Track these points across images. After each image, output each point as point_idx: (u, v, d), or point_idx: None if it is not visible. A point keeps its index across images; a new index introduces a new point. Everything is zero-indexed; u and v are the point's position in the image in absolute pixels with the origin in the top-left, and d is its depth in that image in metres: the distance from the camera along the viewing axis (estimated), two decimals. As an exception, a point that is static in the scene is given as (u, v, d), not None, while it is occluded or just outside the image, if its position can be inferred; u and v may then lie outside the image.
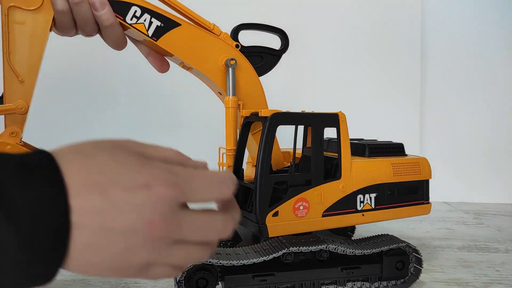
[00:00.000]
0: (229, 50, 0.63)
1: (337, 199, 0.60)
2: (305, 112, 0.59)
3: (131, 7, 0.56)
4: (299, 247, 0.58)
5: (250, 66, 0.65)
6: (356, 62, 1.29)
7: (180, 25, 0.59)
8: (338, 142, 0.61)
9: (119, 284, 0.64)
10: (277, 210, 0.55)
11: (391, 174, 0.67)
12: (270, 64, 0.68)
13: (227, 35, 0.64)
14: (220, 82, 0.64)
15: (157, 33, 0.58)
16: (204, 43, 0.62)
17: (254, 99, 0.66)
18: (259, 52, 0.67)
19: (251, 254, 0.57)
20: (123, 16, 0.56)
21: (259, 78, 0.68)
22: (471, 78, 1.32)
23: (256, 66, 0.66)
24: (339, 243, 0.62)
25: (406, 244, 0.64)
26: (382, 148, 0.71)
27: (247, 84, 0.65)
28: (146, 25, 0.57)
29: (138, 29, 0.57)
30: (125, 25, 0.57)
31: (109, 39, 0.57)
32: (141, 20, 0.57)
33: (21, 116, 0.53)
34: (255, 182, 0.54)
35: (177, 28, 0.59)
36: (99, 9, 0.53)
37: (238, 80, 0.64)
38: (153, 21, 0.57)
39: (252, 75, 0.66)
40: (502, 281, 0.67)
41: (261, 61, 0.67)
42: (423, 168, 0.71)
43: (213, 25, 0.63)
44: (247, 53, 0.65)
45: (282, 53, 0.69)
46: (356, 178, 0.63)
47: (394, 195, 0.67)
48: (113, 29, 0.55)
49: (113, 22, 0.54)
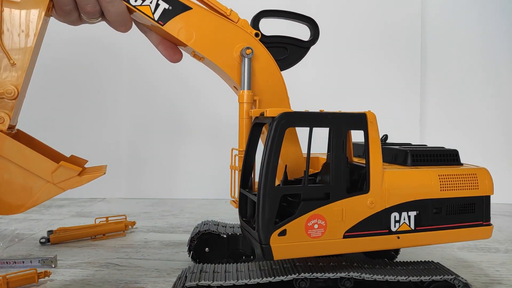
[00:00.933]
0: (246, 39, 0.56)
1: (363, 217, 0.50)
2: (322, 112, 0.49)
3: None
4: (313, 273, 0.48)
5: (271, 58, 0.58)
6: (356, 62, 1.29)
7: (191, 8, 0.54)
8: (365, 148, 0.50)
9: (119, 284, 0.61)
10: (284, 228, 0.46)
11: (438, 187, 0.54)
12: (296, 57, 0.60)
13: (246, 22, 0.57)
14: (235, 75, 0.56)
15: (164, 17, 0.52)
16: (218, 30, 0.55)
17: (273, 95, 0.58)
18: (284, 43, 0.59)
19: (255, 272, 0.49)
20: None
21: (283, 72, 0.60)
22: (471, 78, 1.30)
23: (280, 59, 0.59)
24: (366, 268, 0.51)
25: (455, 277, 0.52)
26: (429, 156, 0.59)
27: (266, 78, 0.57)
28: (152, 7, 0.52)
29: (144, 12, 0.52)
30: (130, 8, 0.52)
31: (111, 16, 0.52)
32: (147, 2, 0.52)
33: (11, 101, 0.48)
34: (258, 193, 0.45)
35: (187, 12, 0.53)
36: None
37: (254, 72, 0.56)
38: (160, 3, 0.52)
39: (272, 67, 0.58)
40: (502, 281, 0.64)
41: (285, 53, 0.59)
42: (481, 181, 0.57)
43: (230, 11, 0.56)
44: (269, 43, 0.58)
45: (311, 44, 0.61)
46: (390, 192, 0.51)
47: (442, 214, 0.55)
48: (113, 3, 0.51)
49: None
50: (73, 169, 0.46)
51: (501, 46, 1.28)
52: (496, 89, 1.29)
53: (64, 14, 0.52)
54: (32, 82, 0.53)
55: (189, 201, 1.24)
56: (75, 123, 1.30)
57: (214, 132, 1.29)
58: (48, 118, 1.29)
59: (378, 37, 1.29)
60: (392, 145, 0.64)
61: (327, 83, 1.29)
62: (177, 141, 1.31)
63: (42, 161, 0.46)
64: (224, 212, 1.08)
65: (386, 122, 1.24)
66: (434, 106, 1.31)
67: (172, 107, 1.30)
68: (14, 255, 0.73)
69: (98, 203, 1.21)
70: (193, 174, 1.30)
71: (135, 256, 0.74)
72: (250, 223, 0.51)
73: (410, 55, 1.29)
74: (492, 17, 1.28)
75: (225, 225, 0.70)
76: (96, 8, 0.52)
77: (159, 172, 1.31)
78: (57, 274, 0.64)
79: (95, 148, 1.30)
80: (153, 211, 1.11)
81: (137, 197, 1.29)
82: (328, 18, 1.28)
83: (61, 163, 0.46)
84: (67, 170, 0.46)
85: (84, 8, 0.51)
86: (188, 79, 1.26)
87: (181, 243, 0.81)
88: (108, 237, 0.84)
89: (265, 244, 0.45)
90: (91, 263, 0.70)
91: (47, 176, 0.46)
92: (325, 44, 1.28)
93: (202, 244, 0.66)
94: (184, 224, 0.97)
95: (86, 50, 1.23)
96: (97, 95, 1.30)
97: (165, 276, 0.64)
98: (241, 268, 0.51)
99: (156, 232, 0.90)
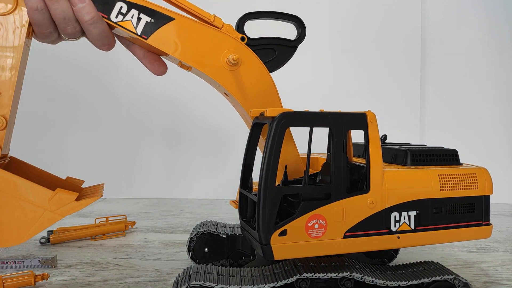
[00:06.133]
0: (233, 44, 0.55)
1: (363, 217, 0.50)
2: (322, 112, 0.49)
3: (116, 3, 0.49)
4: (315, 273, 0.48)
5: (259, 61, 0.56)
6: (355, 62, 1.29)
7: (174, 19, 0.52)
8: (366, 148, 0.50)
9: (119, 284, 0.61)
10: (285, 228, 0.46)
11: (437, 187, 0.54)
12: (285, 57, 0.59)
13: (231, 27, 0.56)
14: (224, 82, 0.55)
15: (147, 30, 0.51)
16: (203, 38, 0.54)
17: (264, 99, 0.57)
18: (270, 44, 0.58)
19: (258, 278, 0.49)
20: (108, 14, 0.49)
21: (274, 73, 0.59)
22: (472, 77, 1.30)
23: (268, 60, 0.58)
24: (368, 270, 0.51)
25: (454, 277, 0.52)
26: (429, 156, 0.59)
27: (255, 83, 0.56)
28: (134, 22, 0.50)
29: (126, 28, 0.50)
30: (111, 24, 0.50)
31: (93, 37, 0.51)
32: (128, 17, 0.50)
33: (0, 132, 0.47)
34: (258, 194, 0.45)
35: (170, 23, 0.52)
36: (78, 3, 0.47)
37: (244, 78, 0.55)
38: (141, 17, 0.50)
39: (260, 71, 0.57)
40: (502, 281, 0.64)
41: (273, 54, 0.58)
42: (481, 180, 0.57)
43: (213, 17, 0.55)
44: (256, 46, 0.57)
45: (298, 43, 0.60)
46: (390, 192, 0.52)
47: (442, 214, 0.55)
48: (95, 25, 0.49)
49: (94, 16, 0.49)
50: (70, 195, 0.45)
51: (502, 45, 1.28)
52: (497, 88, 1.29)
53: (44, 36, 0.51)
54: (34, 82, 0.53)
55: (189, 201, 1.24)
56: (75, 123, 1.30)
57: (214, 132, 1.29)
58: (48, 118, 1.29)
59: (378, 37, 1.29)
60: (391, 145, 0.64)
61: (327, 83, 1.29)
62: (177, 141, 1.31)
63: (38, 190, 0.45)
64: (224, 212, 1.08)
65: (386, 122, 1.26)
66: (434, 106, 1.31)
67: (172, 107, 1.30)
68: (14, 255, 0.73)
69: (98, 203, 1.21)
70: (193, 174, 1.30)
71: (135, 256, 0.74)
72: (250, 223, 0.51)
73: (410, 55, 1.29)
74: (492, 16, 1.28)
75: (224, 225, 0.70)
76: (77, 29, 0.50)
77: (159, 172, 1.31)
78: (57, 274, 0.64)
79: (95, 148, 1.31)
80: (153, 211, 1.11)
81: (137, 197, 1.29)
82: (328, 18, 1.29)
83: (57, 190, 0.45)
84: (64, 196, 0.45)
85: (64, 30, 0.50)
86: (188, 78, 1.26)
87: (181, 243, 0.81)
88: (108, 237, 0.84)
89: (266, 244, 0.45)
90: (91, 263, 0.70)
91: (44, 204, 0.45)
92: (325, 44, 1.30)
93: (202, 244, 0.66)
94: (184, 224, 0.97)
95: (85, 50, 1.24)
96: (97, 95, 1.30)
97: (165, 276, 0.64)
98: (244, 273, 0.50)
99: (156, 232, 0.90)
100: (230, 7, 0.87)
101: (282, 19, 0.60)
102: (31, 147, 1.30)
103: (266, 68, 0.57)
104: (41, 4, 0.47)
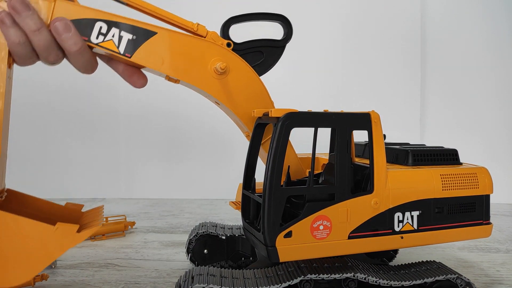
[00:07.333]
0: (219, 52, 0.53)
1: (367, 218, 0.50)
2: (327, 112, 0.49)
3: (95, 24, 0.47)
4: (319, 274, 0.48)
5: (247, 66, 0.55)
6: (355, 62, 1.29)
7: (156, 33, 0.50)
8: (370, 148, 0.50)
9: (118, 284, 0.61)
10: (290, 230, 0.46)
11: (440, 187, 0.55)
12: (273, 58, 0.57)
13: (215, 34, 0.54)
14: (214, 92, 0.53)
15: (129, 48, 0.49)
16: (188, 49, 0.52)
17: (256, 104, 0.56)
18: (257, 47, 0.56)
19: (262, 280, 0.48)
20: (88, 36, 0.47)
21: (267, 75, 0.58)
22: (472, 77, 1.30)
23: (257, 64, 0.56)
24: (371, 271, 0.51)
25: (457, 276, 0.52)
26: (429, 155, 0.59)
27: (245, 89, 0.55)
28: (116, 41, 0.48)
29: (108, 48, 0.48)
30: (92, 46, 0.48)
31: (79, 65, 0.49)
32: (109, 37, 0.48)
33: None
34: (263, 195, 0.45)
35: (153, 38, 0.49)
36: (63, 33, 0.45)
37: (233, 86, 0.54)
38: (123, 35, 0.48)
39: (249, 76, 0.55)
40: (503, 281, 0.64)
41: (261, 56, 0.57)
42: (481, 180, 0.58)
43: (196, 26, 0.53)
44: (243, 50, 0.55)
45: (285, 42, 0.58)
46: (394, 192, 0.52)
47: (444, 214, 0.55)
48: (82, 54, 0.47)
49: (81, 46, 0.46)
50: (71, 227, 0.45)
51: (502, 45, 1.28)
52: (497, 88, 1.29)
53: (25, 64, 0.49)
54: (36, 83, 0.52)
55: (189, 201, 1.23)
56: (75, 123, 1.28)
57: (214, 132, 1.28)
58: (48, 117, 1.27)
59: (378, 37, 1.29)
60: (390, 145, 0.64)
61: (327, 84, 1.29)
62: (177, 141, 1.30)
63: (38, 227, 0.44)
64: (224, 213, 1.07)
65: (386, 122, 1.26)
66: (434, 106, 1.31)
67: (172, 106, 1.29)
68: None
69: (98, 203, 1.20)
70: (193, 174, 1.29)
71: (134, 256, 0.73)
72: (254, 225, 0.50)
73: (410, 55, 1.29)
74: (492, 15, 1.28)
75: (224, 226, 0.70)
76: (59, 56, 0.48)
77: (159, 172, 1.30)
78: (57, 275, 0.64)
79: (95, 148, 1.30)
80: (153, 211, 1.11)
81: (137, 197, 1.29)
82: (328, 18, 1.28)
83: (58, 225, 0.44)
84: (65, 229, 0.45)
85: (47, 58, 0.48)
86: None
87: (180, 243, 0.81)
88: (107, 238, 0.84)
89: (271, 246, 0.45)
90: (91, 264, 0.69)
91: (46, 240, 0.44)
92: (325, 44, 1.30)
93: (201, 246, 0.66)
94: (184, 224, 0.97)
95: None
96: (96, 95, 1.28)
97: (164, 276, 0.64)
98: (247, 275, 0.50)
99: (156, 232, 0.90)
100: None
101: (267, 20, 0.58)
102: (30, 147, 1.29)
103: (255, 72, 0.55)
104: (22, 37, 0.45)
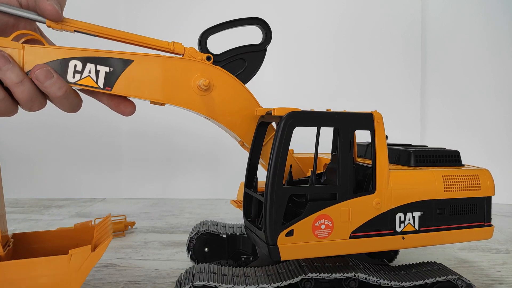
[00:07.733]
0: (199, 68, 0.52)
1: (369, 218, 0.50)
2: (330, 112, 0.49)
3: (68, 63, 0.46)
4: (320, 273, 0.48)
5: (230, 77, 0.54)
6: (355, 62, 1.29)
7: (133, 60, 0.49)
8: (372, 148, 0.50)
9: (119, 284, 0.61)
10: (292, 228, 0.46)
11: (441, 188, 0.55)
12: (256, 63, 0.57)
13: (193, 50, 0.53)
14: (200, 109, 0.52)
15: (108, 81, 0.47)
16: (167, 71, 0.50)
17: (245, 112, 0.55)
18: (238, 55, 0.56)
19: (263, 278, 0.48)
20: (63, 77, 0.46)
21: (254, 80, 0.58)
22: (472, 77, 1.30)
23: (240, 72, 0.56)
24: (372, 271, 0.51)
25: (458, 277, 0.52)
26: (432, 156, 0.59)
27: (232, 100, 0.54)
28: (93, 76, 0.47)
29: (86, 85, 0.47)
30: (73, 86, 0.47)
31: (65, 107, 0.48)
32: (86, 73, 0.47)
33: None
34: (265, 194, 0.45)
35: (131, 66, 0.48)
36: (45, 81, 0.44)
37: (219, 100, 0.53)
38: (99, 69, 0.47)
39: (235, 87, 0.54)
40: (503, 281, 0.64)
41: (244, 64, 0.56)
42: (483, 181, 0.58)
43: (172, 44, 0.52)
44: (224, 61, 0.55)
45: (265, 45, 0.57)
46: (396, 193, 0.52)
47: (445, 215, 0.55)
48: (67, 97, 0.46)
49: (66, 90, 0.45)
50: (84, 251, 0.45)
51: (503, 45, 1.29)
52: (498, 88, 1.30)
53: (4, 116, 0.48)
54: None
55: (189, 201, 1.23)
56: (75, 123, 1.29)
57: (214, 132, 1.28)
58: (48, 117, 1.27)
59: (378, 37, 1.29)
60: (392, 145, 0.64)
61: (327, 84, 1.29)
62: (177, 141, 1.30)
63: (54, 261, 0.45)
64: (224, 212, 1.07)
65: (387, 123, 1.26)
66: (435, 106, 1.32)
67: (172, 107, 1.29)
68: (13, 255, 0.72)
69: (98, 203, 1.20)
70: (193, 174, 1.29)
71: (135, 256, 0.73)
72: (256, 223, 0.50)
73: (411, 56, 1.30)
74: (493, 16, 1.29)
75: (225, 225, 0.70)
76: (43, 104, 0.48)
77: (159, 172, 1.30)
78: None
79: (95, 148, 1.30)
80: (153, 211, 1.10)
81: (137, 197, 1.28)
82: (328, 19, 1.29)
83: (71, 252, 0.45)
84: (80, 254, 0.45)
85: (30, 108, 0.47)
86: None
87: (180, 243, 0.81)
88: (107, 237, 0.84)
89: (273, 245, 0.45)
90: (92, 263, 0.69)
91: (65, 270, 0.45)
92: (325, 44, 1.30)
93: (202, 244, 0.66)
94: (184, 224, 0.96)
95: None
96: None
97: (164, 276, 0.64)
98: (248, 273, 0.50)
99: (156, 232, 0.89)
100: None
101: (244, 25, 0.58)
102: (30, 147, 1.29)
103: (239, 81, 0.55)
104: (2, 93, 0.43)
